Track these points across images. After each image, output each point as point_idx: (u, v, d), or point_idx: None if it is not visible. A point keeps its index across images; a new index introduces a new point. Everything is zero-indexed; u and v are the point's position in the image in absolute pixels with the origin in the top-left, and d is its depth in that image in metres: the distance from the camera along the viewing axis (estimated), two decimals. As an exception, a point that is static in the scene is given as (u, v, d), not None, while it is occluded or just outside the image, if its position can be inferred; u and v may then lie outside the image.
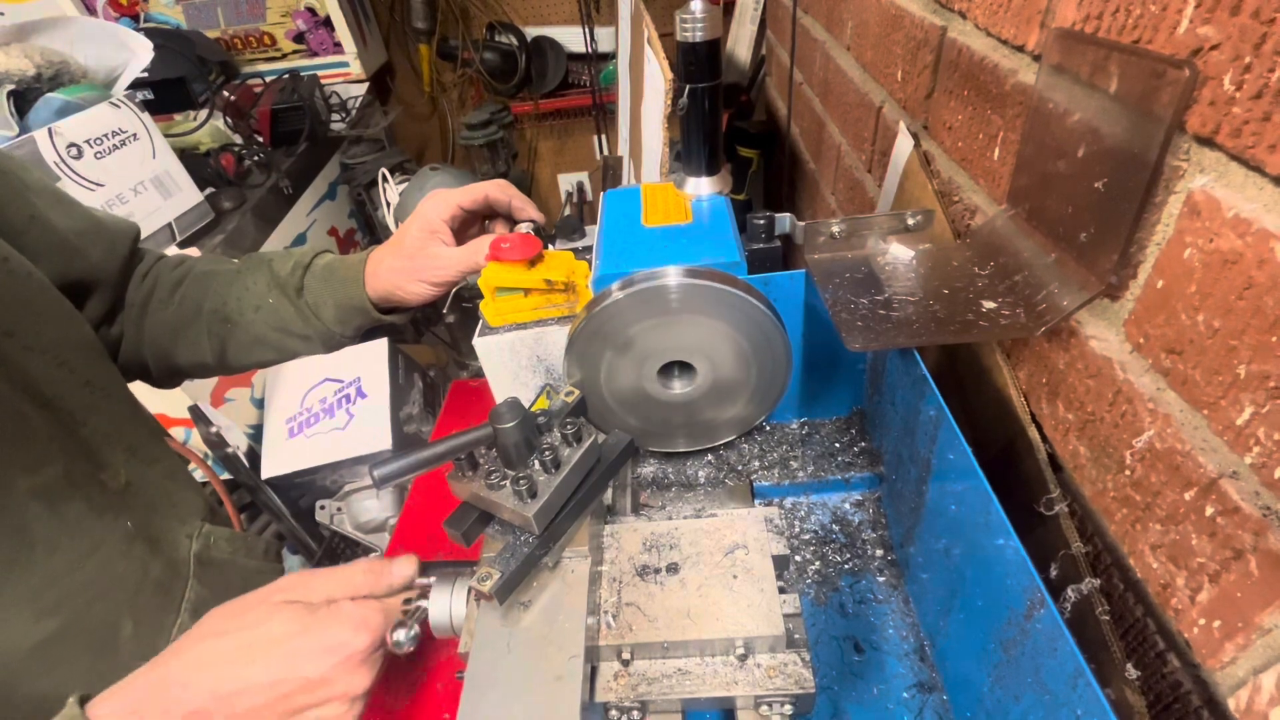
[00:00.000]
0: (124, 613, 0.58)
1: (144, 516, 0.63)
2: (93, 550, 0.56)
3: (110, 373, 0.65)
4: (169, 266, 0.76)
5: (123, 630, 0.58)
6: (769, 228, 0.68)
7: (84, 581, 0.56)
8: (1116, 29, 0.42)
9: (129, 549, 0.60)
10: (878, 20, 0.85)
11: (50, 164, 1.28)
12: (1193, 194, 0.37)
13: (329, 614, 0.44)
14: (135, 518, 0.61)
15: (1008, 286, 0.53)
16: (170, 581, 0.63)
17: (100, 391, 0.62)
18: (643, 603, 0.51)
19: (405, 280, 0.69)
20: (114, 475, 0.60)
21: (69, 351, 0.59)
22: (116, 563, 0.58)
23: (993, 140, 0.59)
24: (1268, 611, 0.33)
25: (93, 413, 0.60)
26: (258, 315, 0.73)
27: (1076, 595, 0.47)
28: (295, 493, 1.54)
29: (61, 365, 0.58)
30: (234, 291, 0.73)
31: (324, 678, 0.43)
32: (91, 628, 0.56)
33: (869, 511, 0.73)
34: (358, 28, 2.28)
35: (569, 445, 0.52)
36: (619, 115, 1.93)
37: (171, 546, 0.65)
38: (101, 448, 0.60)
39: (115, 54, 1.47)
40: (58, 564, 0.54)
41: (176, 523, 0.67)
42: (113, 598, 0.58)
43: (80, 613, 0.55)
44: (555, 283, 0.65)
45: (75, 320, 0.61)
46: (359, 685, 0.44)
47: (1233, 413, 0.35)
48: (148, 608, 0.61)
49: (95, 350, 0.63)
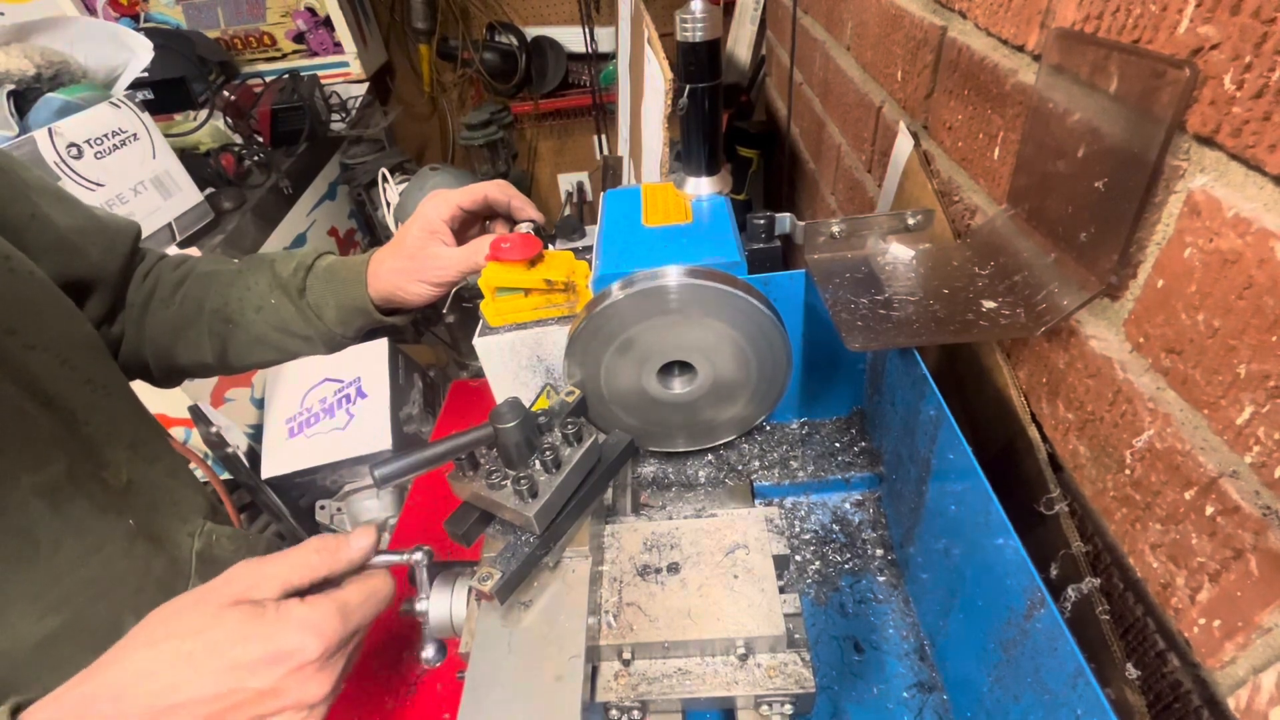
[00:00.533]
0: (127, 610, 0.58)
1: (146, 515, 0.63)
2: (96, 548, 0.56)
3: (111, 371, 0.65)
4: (170, 266, 0.76)
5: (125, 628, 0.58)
6: (769, 228, 0.68)
7: (87, 579, 0.55)
8: (1116, 29, 0.42)
9: (131, 547, 0.60)
10: (878, 20, 0.85)
11: (50, 164, 1.28)
12: (1193, 194, 0.37)
13: (277, 618, 0.40)
14: (137, 516, 0.61)
15: (1008, 286, 0.53)
16: (172, 580, 0.64)
17: (101, 390, 0.62)
18: (644, 602, 0.51)
19: (406, 280, 0.70)
20: (116, 474, 0.61)
21: (70, 350, 0.59)
22: (119, 561, 0.58)
23: (993, 140, 0.59)
24: (1268, 611, 0.33)
25: (94, 411, 0.60)
26: (259, 315, 0.73)
27: (1076, 595, 0.47)
28: (295, 493, 1.54)
29: (64, 364, 0.58)
30: (235, 292, 0.73)
31: (273, 689, 0.39)
32: (94, 625, 0.56)
33: (869, 511, 0.73)
34: (358, 28, 2.28)
35: (570, 445, 0.52)
36: (619, 115, 1.93)
37: (174, 545, 0.65)
38: (103, 446, 0.60)
39: (115, 54, 1.47)
40: (60, 562, 0.54)
41: (178, 521, 0.67)
42: (115, 595, 0.58)
43: (83, 610, 0.55)
44: (555, 283, 0.65)
45: (76, 319, 0.61)
46: (314, 693, 0.40)
47: (1233, 412, 0.35)
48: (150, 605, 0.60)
49: (96, 349, 0.63)
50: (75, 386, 0.59)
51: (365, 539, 0.47)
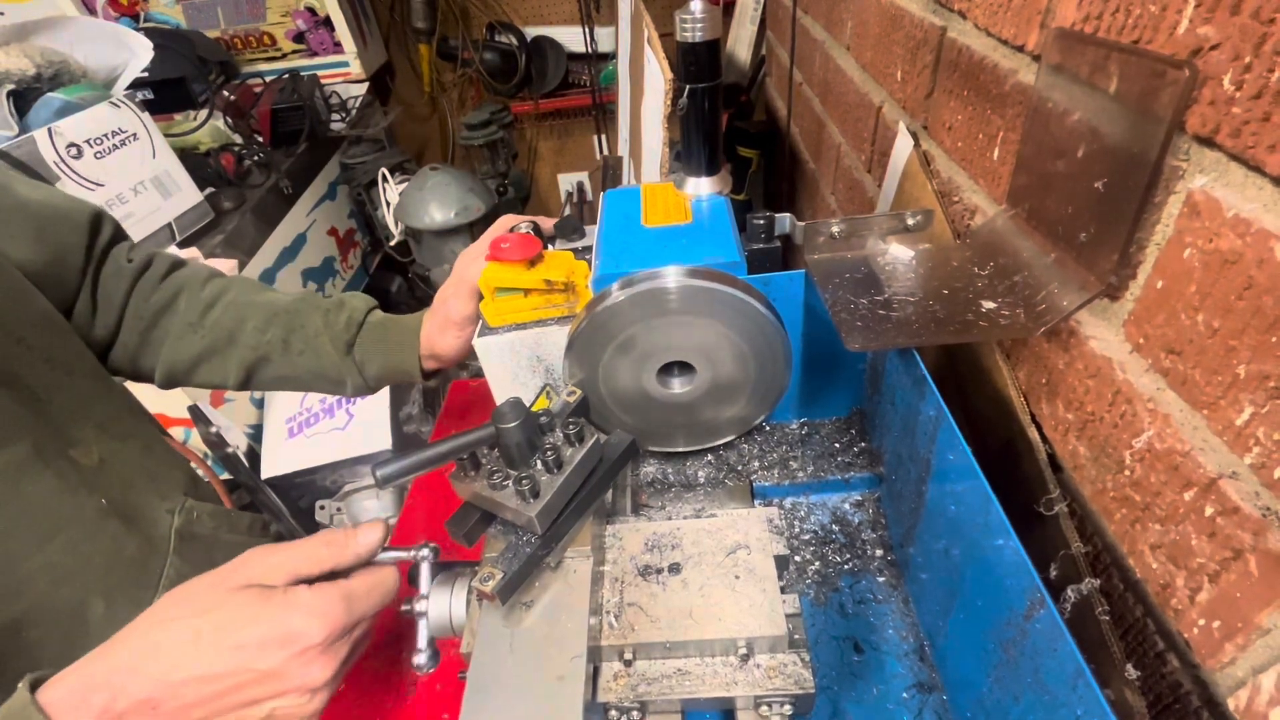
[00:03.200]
0: (95, 594, 0.58)
1: (120, 492, 0.62)
2: (57, 531, 0.56)
3: (72, 348, 0.64)
4: (198, 283, 0.75)
5: (93, 611, 0.58)
6: (769, 228, 0.68)
7: (46, 564, 0.55)
8: (1116, 29, 0.42)
9: (100, 527, 0.59)
10: (877, 20, 0.85)
11: (50, 164, 1.28)
12: (1192, 194, 0.37)
13: (284, 602, 0.42)
14: (111, 494, 0.61)
15: (1007, 286, 0.53)
16: (147, 558, 0.63)
17: (62, 367, 0.61)
18: (645, 603, 0.51)
19: (439, 332, 0.73)
20: (86, 452, 0.60)
21: (25, 328, 0.58)
22: (83, 543, 0.58)
23: (992, 140, 0.59)
24: (1267, 611, 0.33)
25: (57, 390, 0.59)
26: (300, 359, 0.74)
27: (1076, 595, 0.47)
28: (295, 493, 1.55)
29: (19, 342, 0.57)
30: (277, 332, 0.74)
31: (277, 670, 0.41)
32: (58, 611, 0.56)
33: (869, 512, 0.73)
34: (358, 28, 2.28)
35: (571, 445, 0.52)
36: (619, 115, 1.93)
37: (150, 523, 0.65)
38: (69, 424, 0.60)
39: (115, 54, 1.47)
40: (15, 547, 0.53)
41: (156, 498, 0.67)
42: (80, 579, 0.57)
43: (46, 595, 0.55)
44: (555, 283, 0.66)
45: (29, 294, 0.61)
46: (317, 677, 0.42)
47: (1232, 413, 0.35)
48: (121, 587, 0.60)
49: (54, 326, 0.63)
50: (33, 365, 0.58)
51: (373, 534, 0.48)
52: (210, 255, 1.54)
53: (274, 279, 1.78)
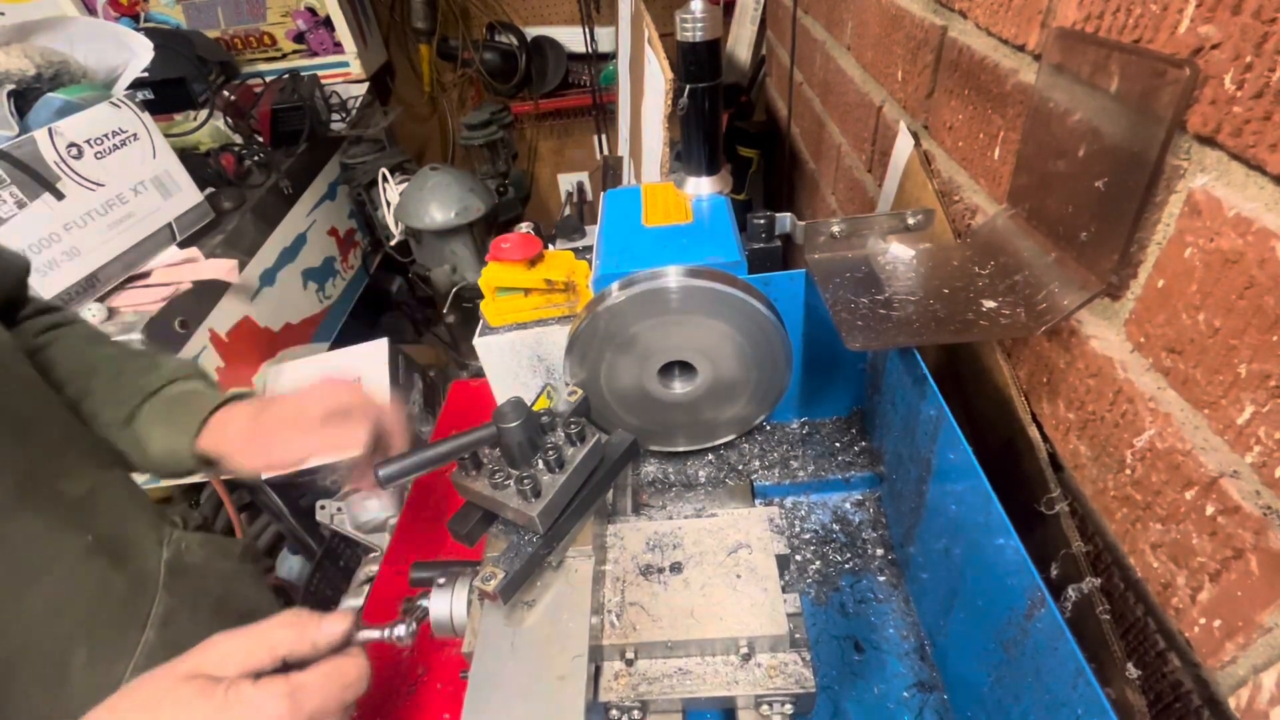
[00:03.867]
0: (78, 638, 0.56)
1: (112, 524, 0.61)
2: (41, 572, 0.54)
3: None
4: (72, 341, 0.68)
5: (75, 660, 0.55)
6: (769, 228, 0.68)
7: (28, 608, 0.53)
8: (1117, 28, 0.42)
9: (86, 565, 0.57)
10: (878, 20, 0.85)
11: (50, 164, 1.28)
12: (1193, 193, 0.37)
13: (224, 700, 0.40)
14: (99, 529, 0.59)
15: (1008, 286, 0.53)
16: (134, 597, 0.61)
17: (43, 397, 0.59)
18: (646, 602, 0.51)
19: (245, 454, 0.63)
20: (76, 482, 0.58)
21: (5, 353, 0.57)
22: (67, 583, 0.56)
23: (993, 140, 0.59)
24: (1268, 610, 0.33)
25: (39, 420, 0.58)
26: None
27: (1077, 595, 0.47)
28: (295, 493, 1.54)
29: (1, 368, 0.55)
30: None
31: None
32: (38, 661, 0.54)
33: (869, 511, 0.73)
34: (358, 28, 2.28)
35: (573, 445, 0.52)
36: (619, 115, 1.93)
37: (140, 556, 0.63)
38: (57, 453, 0.58)
39: (115, 54, 1.47)
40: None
41: (148, 528, 0.65)
42: (63, 624, 0.55)
43: (26, 642, 0.53)
44: (555, 283, 0.66)
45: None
46: None
47: (1233, 412, 0.35)
48: (106, 627, 0.58)
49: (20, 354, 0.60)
50: (17, 393, 0.56)
51: (339, 625, 0.44)
52: (210, 255, 1.54)
53: (274, 279, 1.78)
